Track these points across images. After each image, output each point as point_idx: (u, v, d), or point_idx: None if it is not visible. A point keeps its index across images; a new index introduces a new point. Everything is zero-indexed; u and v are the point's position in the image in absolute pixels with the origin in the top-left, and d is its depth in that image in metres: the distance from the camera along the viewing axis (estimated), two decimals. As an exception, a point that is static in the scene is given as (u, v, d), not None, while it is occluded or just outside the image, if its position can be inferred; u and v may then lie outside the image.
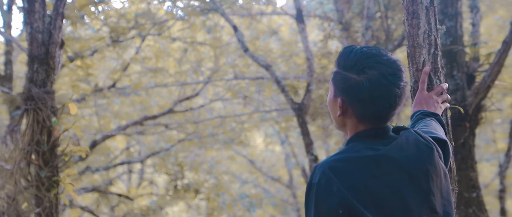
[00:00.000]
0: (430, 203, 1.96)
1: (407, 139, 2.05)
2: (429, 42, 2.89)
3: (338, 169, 1.89)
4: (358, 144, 2.00)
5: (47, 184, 5.34)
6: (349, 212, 1.82)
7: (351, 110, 2.01)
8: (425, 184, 1.97)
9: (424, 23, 2.89)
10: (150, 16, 9.19)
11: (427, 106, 2.69)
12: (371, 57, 1.97)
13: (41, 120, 5.24)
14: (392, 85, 1.95)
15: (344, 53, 2.04)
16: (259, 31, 10.90)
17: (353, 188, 1.84)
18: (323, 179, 1.87)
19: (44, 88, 5.28)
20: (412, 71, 2.91)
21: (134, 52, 10.72)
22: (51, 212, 5.41)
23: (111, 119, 11.77)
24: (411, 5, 2.90)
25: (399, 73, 1.99)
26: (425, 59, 2.88)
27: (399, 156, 1.96)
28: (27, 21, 5.38)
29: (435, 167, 2.03)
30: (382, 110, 1.98)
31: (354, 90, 1.97)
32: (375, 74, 1.94)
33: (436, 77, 2.87)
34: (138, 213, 11.78)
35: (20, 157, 5.25)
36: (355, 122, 2.04)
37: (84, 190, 10.92)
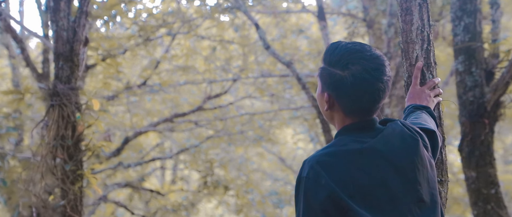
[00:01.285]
0: (417, 193, 2.02)
1: (393, 131, 2.12)
2: (422, 38, 2.93)
3: (326, 163, 1.96)
4: (346, 137, 2.08)
5: (72, 177, 5.54)
6: (337, 204, 1.89)
7: (338, 104, 2.09)
8: (411, 174, 2.03)
9: (417, 19, 2.93)
10: (180, 14, 9.37)
11: (420, 100, 2.74)
12: (355, 53, 2.04)
13: (66, 116, 5.45)
14: (375, 79, 2.02)
15: (329, 50, 2.12)
16: (287, 29, 10.98)
17: (341, 181, 1.91)
18: (311, 173, 1.94)
19: (68, 85, 5.49)
20: (406, 66, 2.96)
21: (164, 51, 10.94)
22: (75, 204, 5.62)
23: (144, 116, 12.05)
24: (405, 1, 2.95)
25: (382, 68, 2.05)
26: (418, 55, 2.93)
27: (385, 148, 2.03)
28: (53, 19, 5.57)
29: (421, 157, 2.09)
30: (366, 104, 2.05)
31: (339, 85, 2.04)
32: (358, 69, 2.00)
33: (429, 72, 2.92)
34: (170, 209, 12.03)
35: (46, 151, 5.48)
36: (342, 115, 2.11)
37: (118, 185, 11.23)
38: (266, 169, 15.80)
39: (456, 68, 5.77)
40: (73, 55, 5.52)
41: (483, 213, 5.65)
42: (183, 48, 10.89)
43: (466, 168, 5.75)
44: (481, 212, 5.65)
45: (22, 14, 16.70)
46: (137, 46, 9.43)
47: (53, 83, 5.51)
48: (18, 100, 6.93)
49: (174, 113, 11.02)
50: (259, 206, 12.50)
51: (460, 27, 5.70)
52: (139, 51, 9.95)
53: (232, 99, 13.21)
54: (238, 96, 13.26)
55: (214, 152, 12.46)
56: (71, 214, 5.61)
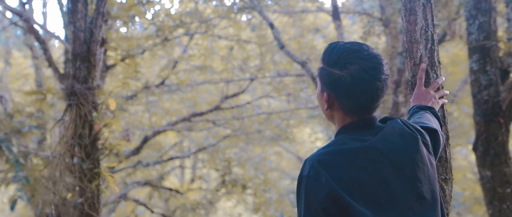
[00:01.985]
0: (417, 190, 2.04)
1: (393, 129, 2.14)
2: (426, 38, 2.95)
3: (326, 162, 1.99)
4: (346, 136, 2.11)
5: (89, 175, 5.64)
6: (337, 202, 1.92)
7: (337, 103, 2.12)
8: (411, 172, 2.05)
9: (421, 19, 2.94)
10: (198, 14, 9.45)
11: (425, 101, 2.74)
12: (353, 53, 2.07)
13: (83, 115, 5.56)
14: (373, 78, 2.04)
15: (328, 50, 2.14)
16: (304, 28, 10.99)
17: (341, 180, 1.94)
18: (312, 172, 1.97)
19: (85, 84, 5.59)
20: (410, 66, 2.98)
21: (182, 51, 11.03)
22: (93, 202, 5.72)
23: (163, 116, 12.17)
24: (409, 2, 2.97)
25: (380, 67, 2.07)
26: (422, 54, 2.94)
27: (384, 146, 2.05)
28: (71, 20, 5.68)
29: (421, 155, 2.11)
30: (365, 102, 2.08)
31: (337, 85, 2.07)
32: (356, 69, 2.03)
33: (433, 72, 2.94)
34: (189, 207, 12.13)
35: (65, 150, 5.60)
36: (342, 114, 2.14)
37: (137, 184, 11.38)
38: (284, 168, 15.81)
39: (471, 67, 5.74)
40: (90, 56, 5.62)
41: (498, 212, 5.63)
42: (201, 48, 10.98)
43: (481, 167, 5.73)
44: (496, 211, 5.62)
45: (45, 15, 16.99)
46: (155, 46, 9.54)
47: (70, 83, 5.61)
48: (40, 100, 7.07)
49: (192, 113, 11.12)
50: (277, 205, 12.54)
51: (474, 26, 5.67)
52: (158, 51, 10.06)
53: (250, 99, 13.26)
54: (256, 95, 13.30)
55: (232, 151, 12.53)
56: (89, 212, 5.71)
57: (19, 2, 10.06)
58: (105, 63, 9.34)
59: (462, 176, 13.97)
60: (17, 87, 14.04)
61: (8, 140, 8.48)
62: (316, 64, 10.42)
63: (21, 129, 8.61)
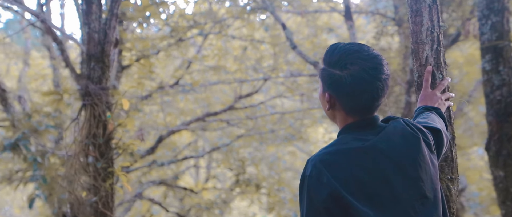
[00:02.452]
0: (419, 189, 2.06)
1: (394, 129, 2.16)
2: (432, 39, 2.97)
3: (328, 162, 2.02)
4: (348, 135, 2.13)
5: (103, 174, 5.73)
6: (338, 202, 1.95)
7: (339, 103, 2.15)
8: (413, 171, 2.07)
9: (427, 21, 2.97)
10: (212, 15, 9.52)
11: (431, 102, 2.75)
12: (353, 53, 2.10)
13: (97, 115, 5.64)
14: (373, 78, 2.07)
15: (329, 51, 2.17)
16: (317, 28, 10.99)
17: (342, 179, 1.97)
18: (314, 172, 2.00)
19: (100, 85, 5.68)
20: (416, 66, 3.00)
21: (196, 51, 11.11)
22: (107, 200, 5.80)
23: (177, 116, 12.26)
24: (415, 3, 3.00)
25: (380, 67, 2.10)
26: (428, 55, 2.97)
27: (386, 146, 2.08)
28: (85, 21, 5.76)
29: (423, 154, 2.13)
30: (366, 102, 2.10)
31: (338, 85, 2.09)
32: (356, 69, 2.06)
33: (439, 72, 2.95)
34: (203, 207, 12.20)
35: (79, 149, 5.69)
36: (343, 114, 2.17)
37: (152, 183, 11.48)
38: (298, 167, 15.82)
39: (483, 67, 5.73)
40: (104, 56, 5.70)
41: (511, 212, 5.60)
42: (215, 48, 11.04)
43: (493, 167, 5.70)
44: (509, 212, 5.60)
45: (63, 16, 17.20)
46: (169, 46, 9.63)
47: (85, 83, 5.70)
48: (57, 100, 7.16)
49: (206, 112, 11.19)
50: (291, 204, 12.56)
51: (487, 26, 5.65)
52: (172, 51, 10.15)
53: (263, 98, 13.29)
54: (270, 95, 13.33)
55: (246, 150, 12.57)
56: (103, 210, 5.80)
57: (37, 4, 10.22)
58: (121, 64, 9.44)
59: (478, 176, 13.86)
60: (35, 87, 14.23)
61: (26, 139, 8.61)
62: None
63: (38, 129, 8.73)
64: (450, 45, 7.54)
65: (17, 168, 9.68)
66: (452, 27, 7.85)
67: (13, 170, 9.79)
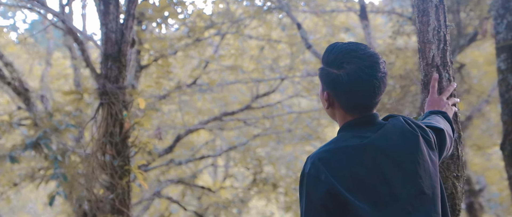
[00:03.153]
0: (417, 186, 2.08)
1: (393, 127, 2.19)
2: (439, 38, 2.99)
3: (326, 159, 2.06)
4: (346, 133, 2.18)
5: (120, 172, 5.84)
6: (336, 198, 2.00)
7: (337, 102, 2.19)
8: (411, 168, 2.10)
9: (433, 20, 2.99)
10: (229, 15, 9.59)
11: (438, 107, 2.77)
12: (349, 52, 2.14)
13: (114, 114, 5.75)
14: (369, 76, 2.11)
15: (327, 50, 2.23)
16: (335, 28, 11.00)
17: (340, 176, 2.02)
18: (312, 169, 2.06)
19: (116, 84, 5.78)
20: (423, 66, 3.03)
21: (213, 51, 11.20)
22: (123, 198, 5.91)
23: (195, 115, 12.37)
24: (422, 3, 3.02)
25: (376, 65, 2.14)
26: (434, 54, 2.99)
27: (384, 143, 2.11)
28: (103, 22, 5.85)
29: (421, 152, 2.15)
30: (363, 100, 2.15)
31: (336, 84, 2.14)
32: (353, 68, 2.10)
33: (445, 71, 2.98)
34: (221, 206, 12.29)
35: (96, 147, 5.80)
36: (342, 113, 2.22)
37: (170, 181, 11.60)
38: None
39: (499, 66, 5.70)
40: (121, 56, 5.79)
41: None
42: (232, 48, 11.11)
43: (508, 167, 5.68)
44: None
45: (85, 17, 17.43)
46: (187, 46, 9.73)
47: (102, 82, 5.80)
48: (77, 100, 7.28)
49: (223, 112, 11.28)
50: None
51: (502, 25, 5.63)
52: (190, 51, 10.25)
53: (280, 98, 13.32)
54: (287, 94, 13.35)
55: (264, 150, 12.61)
56: (120, 208, 5.90)
57: (59, 4, 10.38)
58: (139, 63, 9.57)
59: (498, 176, 13.74)
60: (57, 86, 14.46)
61: (47, 138, 8.77)
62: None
63: (59, 128, 8.88)
64: (468, 44, 7.49)
65: (39, 166, 9.83)
66: (470, 26, 7.81)
67: (35, 168, 9.96)
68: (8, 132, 9.62)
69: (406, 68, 7.99)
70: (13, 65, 10.08)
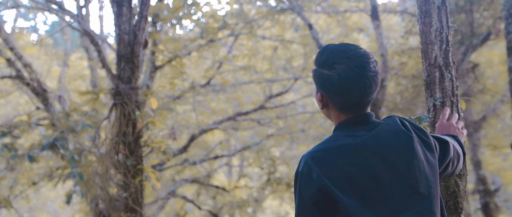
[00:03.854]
0: (411, 185, 2.10)
1: (387, 127, 2.22)
2: (441, 39, 3.02)
3: (318, 158, 2.10)
4: (340, 132, 2.22)
5: (133, 171, 5.93)
6: (327, 196, 2.03)
7: (331, 102, 2.24)
8: (404, 168, 2.12)
9: (436, 22, 3.02)
10: (243, 15, 9.65)
11: (448, 132, 2.77)
12: (340, 53, 2.18)
13: (127, 114, 5.84)
14: (359, 76, 2.15)
15: (319, 53, 2.27)
16: (348, 28, 11.00)
17: (332, 175, 2.05)
18: (305, 168, 2.10)
19: (129, 84, 5.87)
20: (425, 66, 3.06)
21: (226, 51, 11.27)
22: (136, 197, 5.99)
23: (209, 115, 12.45)
24: (424, 4, 3.06)
25: (366, 65, 2.17)
26: (436, 55, 3.02)
27: (376, 143, 2.14)
28: (116, 23, 5.95)
29: (415, 153, 2.16)
30: (355, 99, 2.18)
31: (328, 84, 2.19)
32: (343, 68, 2.15)
33: (447, 71, 3.01)
34: (235, 205, 12.35)
35: (110, 147, 5.90)
36: (336, 112, 2.26)
37: (185, 181, 11.69)
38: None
39: (509, 66, 5.68)
40: (133, 57, 5.88)
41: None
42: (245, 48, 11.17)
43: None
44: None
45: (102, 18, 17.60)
46: (201, 47, 9.81)
47: (115, 83, 5.90)
48: (93, 100, 7.40)
49: (237, 112, 11.35)
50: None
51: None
52: (204, 51, 10.33)
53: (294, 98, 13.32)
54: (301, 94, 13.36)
55: (278, 149, 12.62)
56: (133, 206, 6.00)
57: (76, 6, 10.51)
58: (154, 64, 9.67)
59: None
60: (74, 87, 14.65)
61: (63, 139, 8.90)
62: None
63: (75, 128, 9.00)
64: (481, 44, 7.46)
65: (57, 165, 9.96)
66: (483, 26, 7.77)
67: (53, 167, 10.09)
68: (26, 132, 9.78)
69: (419, 68, 7.98)
70: (32, 66, 10.26)
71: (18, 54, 10.08)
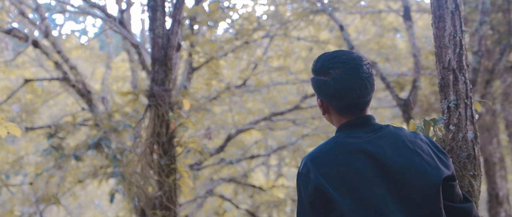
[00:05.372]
0: (405, 190, 2.17)
1: (388, 133, 2.32)
2: (455, 43, 3.08)
3: (317, 159, 2.23)
4: (341, 134, 2.34)
5: (167, 171, 6.13)
6: (322, 195, 2.14)
7: (330, 107, 2.37)
8: (399, 174, 2.19)
9: (449, 26, 3.08)
10: (278, 16, 9.76)
11: None
12: (333, 58, 2.32)
13: (161, 115, 6.04)
14: (353, 77, 2.27)
15: (314, 61, 2.41)
16: (384, 28, 10.96)
17: (328, 175, 2.17)
18: (304, 169, 2.23)
19: (163, 87, 6.07)
20: (439, 69, 3.12)
21: (262, 52, 11.38)
22: (170, 195, 6.19)
23: (246, 115, 12.61)
24: (438, 9, 3.12)
25: (359, 67, 2.29)
26: (450, 58, 3.08)
27: (373, 147, 2.23)
28: (150, 28, 6.16)
29: (412, 162, 2.23)
30: (351, 100, 2.29)
31: (325, 89, 2.31)
32: (338, 72, 2.27)
33: (461, 75, 3.06)
34: (272, 204, 12.46)
35: (145, 147, 6.11)
36: (337, 116, 2.38)
37: (223, 180, 11.90)
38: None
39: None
40: (167, 60, 6.08)
41: None
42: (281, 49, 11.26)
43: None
44: None
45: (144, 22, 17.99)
46: (237, 48, 9.96)
47: (150, 85, 6.11)
48: (133, 100, 7.65)
49: (272, 112, 11.47)
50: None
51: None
52: (239, 53, 10.49)
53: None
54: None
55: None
56: (167, 204, 6.20)
57: (118, 10, 10.82)
58: (191, 65, 9.89)
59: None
60: (117, 88, 15.06)
61: (107, 138, 9.21)
62: (395, 64, 10.39)
63: (117, 128, 9.29)
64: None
65: (101, 164, 10.29)
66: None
67: (98, 166, 10.43)
68: (71, 133, 10.14)
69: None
70: (77, 68, 10.64)
71: (64, 57, 10.46)
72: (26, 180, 10.98)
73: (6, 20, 10.67)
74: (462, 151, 3.03)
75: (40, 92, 12.56)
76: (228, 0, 9.42)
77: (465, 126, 3.03)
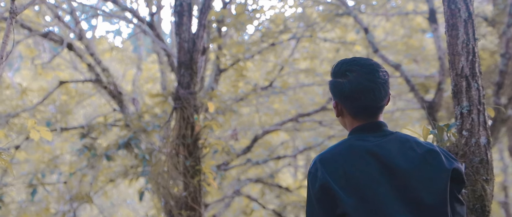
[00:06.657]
0: (411, 193, 2.24)
1: (395, 138, 2.40)
2: (468, 50, 3.14)
3: (325, 159, 2.35)
4: (352, 137, 2.44)
5: (192, 172, 6.28)
6: (328, 192, 2.26)
7: (344, 109, 2.46)
8: (404, 178, 2.26)
9: (462, 34, 3.14)
10: (305, 18, 9.83)
11: None
12: (352, 62, 2.44)
13: (186, 117, 6.19)
14: (369, 82, 2.36)
15: (334, 64, 2.52)
16: (412, 29, 10.92)
17: (335, 174, 2.28)
18: (313, 168, 2.36)
19: (188, 89, 6.21)
20: (452, 76, 3.19)
21: (288, 54, 11.45)
22: (195, 196, 6.33)
23: (272, 116, 12.70)
24: (451, 18, 3.19)
25: (375, 72, 2.39)
26: (463, 65, 3.14)
27: (381, 151, 2.32)
28: (177, 32, 6.31)
29: (418, 168, 2.30)
30: (365, 103, 2.39)
31: (341, 91, 2.42)
32: (354, 75, 2.38)
33: (474, 81, 3.12)
34: (299, 205, 12.51)
35: (171, 148, 6.27)
36: (350, 119, 2.48)
37: (249, 180, 12.01)
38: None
39: None
40: (192, 64, 6.22)
41: None
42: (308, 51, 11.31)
43: None
44: None
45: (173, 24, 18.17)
46: (263, 50, 10.06)
47: (176, 88, 6.26)
48: (162, 102, 7.82)
49: (299, 113, 11.53)
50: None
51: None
52: (267, 54, 10.59)
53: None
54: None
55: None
56: (192, 205, 6.34)
57: (148, 12, 11.00)
58: (218, 67, 10.02)
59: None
60: (147, 89, 15.31)
61: (136, 138, 9.42)
62: (424, 64, 10.34)
63: (147, 129, 9.49)
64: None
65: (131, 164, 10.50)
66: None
67: (128, 166, 10.64)
68: (103, 133, 10.38)
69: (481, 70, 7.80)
70: (109, 70, 10.88)
71: (97, 59, 10.71)
72: (61, 179, 11.28)
73: (43, 24, 10.97)
74: (475, 156, 3.09)
75: (74, 94, 12.88)
76: (255, 2, 9.54)
77: (478, 132, 3.09)
